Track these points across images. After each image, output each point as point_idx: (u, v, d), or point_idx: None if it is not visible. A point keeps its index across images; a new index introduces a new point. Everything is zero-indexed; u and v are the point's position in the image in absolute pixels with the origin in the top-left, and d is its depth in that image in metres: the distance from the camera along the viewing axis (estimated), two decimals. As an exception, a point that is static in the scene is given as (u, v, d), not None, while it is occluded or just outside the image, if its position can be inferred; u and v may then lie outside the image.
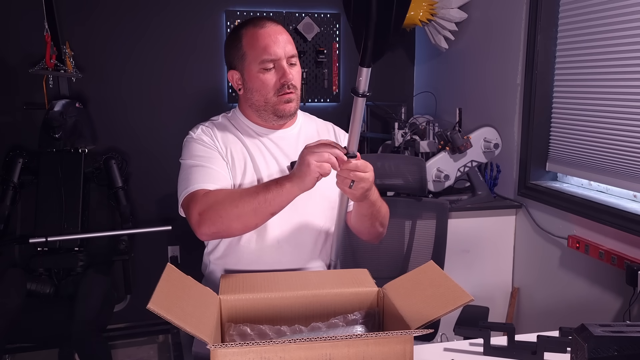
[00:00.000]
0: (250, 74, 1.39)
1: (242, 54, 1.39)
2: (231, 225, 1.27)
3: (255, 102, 1.43)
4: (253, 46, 1.37)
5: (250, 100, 1.44)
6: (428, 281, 1.18)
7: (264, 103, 1.41)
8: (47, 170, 2.74)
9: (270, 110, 1.42)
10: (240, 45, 1.39)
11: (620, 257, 1.95)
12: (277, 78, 1.38)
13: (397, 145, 2.88)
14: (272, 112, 1.42)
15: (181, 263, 3.16)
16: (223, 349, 0.91)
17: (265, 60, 1.36)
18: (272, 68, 1.37)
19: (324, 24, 3.35)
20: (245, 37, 1.39)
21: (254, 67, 1.38)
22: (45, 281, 2.60)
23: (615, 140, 2.06)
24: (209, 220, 1.27)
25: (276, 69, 1.37)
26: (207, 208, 1.27)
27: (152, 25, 3.12)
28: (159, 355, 2.98)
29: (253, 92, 1.41)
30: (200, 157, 1.39)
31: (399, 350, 0.96)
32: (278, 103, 1.40)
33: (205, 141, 1.42)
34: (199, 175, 1.35)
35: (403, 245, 2.14)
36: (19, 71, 2.90)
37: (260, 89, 1.39)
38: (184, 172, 1.39)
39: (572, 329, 0.96)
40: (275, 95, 1.39)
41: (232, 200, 1.26)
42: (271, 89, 1.38)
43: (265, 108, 1.42)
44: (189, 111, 3.20)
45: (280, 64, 1.37)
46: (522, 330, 2.15)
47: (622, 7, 1.98)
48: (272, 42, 1.36)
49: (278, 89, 1.38)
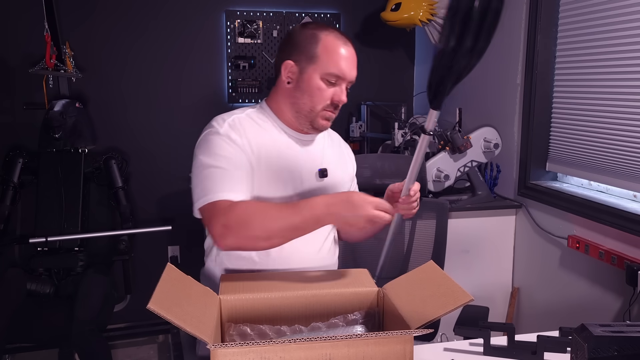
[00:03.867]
0: (312, 77, 1.36)
1: (314, 54, 1.36)
2: (258, 243, 1.25)
3: (299, 103, 1.39)
4: (330, 56, 1.35)
5: (295, 98, 1.40)
6: (428, 281, 1.18)
7: (309, 110, 1.39)
8: (47, 170, 2.74)
9: (309, 118, 1.40)
10: (316, 45, 1.36)
11: (620, 257, 1.95)
12: (332, 94, 1.38)
13: (397, 145, 2.88)
14: (310, 121, 1.40)
15: (181, 263, 3.16)
16: (223, 349, 0.91)
17: (334, 74, 1.35)
18: (334, 84, 1.37)
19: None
20: (325, 41, 1.36)
21: (318, 74, 1.36)
22: (45, 281, 2.60)
23: (615, 140, 2.06)
24: (236, 235, 1.23)
25: (336, 86, 1.38)
26: (235, 223, 1.23)
27: (152, 25, 3.12)
28: (159, 355, 2.98)
29: (304, 93, 1.38)
30: (225, 158, 1.31)
31: (399, 350, 0.96)
32: (319, 116, 1.39)
33: (234, 139, 1.34)
34: (223, 182, 1.28)
35: (403, 245, 2.14)
36: (19, 71, 2.90)
37: (313, 95, 1.37)
38: (205, 173, 1.31)
39: (572, 329, 0.96)
40: (322, 109, 1.38)
41: (263, 219, 1.23)
42: (322, 102, 1.37)
43: (307, 114, 1.39)
44: (188, 111, 3.20)
45: (341, 85, 1.38)
46: (522, 330, 2.15)
47: (622, 7, 1.98)
48: (349, 64, 1.37)
49: (327, 105, 1.38)
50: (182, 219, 3.09)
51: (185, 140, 3.35)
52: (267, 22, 3.27)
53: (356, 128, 3.35)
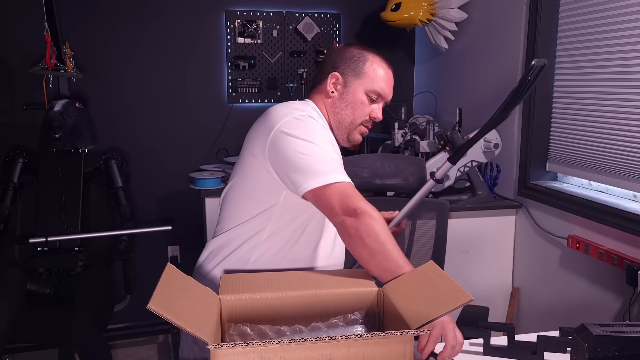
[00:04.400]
0: (357, 91, 1.43)
1: (361, 71, 1.43)
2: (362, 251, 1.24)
3: (342, 113, 1.45)
4: (376, 75, 1.43)
5: (338, 109, 1.45)
6: (428, 281, 1.18)
7: (350, 122, 1.44)
8: (47, 170, 2.74)
9: (348, 130, 1.45)
10: (364, 63, 1.43)
11: (620, 257, 1.95)
12: (371, 110, 1.44)
13: (397, 145, 2.88)
14: (348, 133, 1.45)
15: (181, 263, 3.16)
16: (223, 349, 0.91)
17: (376, 92, 1.43)
18: (372, 102, 1.44)
19: (324, 24, 3.35)
20: (372, 62, 1.44)
21: (363, 89, 1.43)
22: (45, 281, 2.60)
23: (615, 140, 2.06)
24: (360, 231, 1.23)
25: (374, 105, 1.45)
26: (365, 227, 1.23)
27: (152, 25, 3.12)
28: (159, 355, 2.98)
29: (347, 105, 1.44)
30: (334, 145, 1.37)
31: (398, 350, 0.96)
32: (356, 130, 1.45)
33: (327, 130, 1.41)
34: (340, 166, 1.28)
35: (403, 245, 2.14)
36: (19, 71, 2.91)
37: (356, 108, 1.43)
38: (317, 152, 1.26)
39: (572, 329, 0.96)
40: (361, 122, 1.45)
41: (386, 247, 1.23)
42: (363, 115, 1.44)
43: (347, 126, 1.45)
44: (189, 111, 3.20)
45: (380, 103, 1.46)
46: (522, 330, 2.15)
47: (622, 7, 1.98)
48: (389, 85, 1.45)
49: (366, 120, 1.45)
50: (182, 219, 3.09)
51: (185, 140, 3.37)
52: (267, 22, 3.27)
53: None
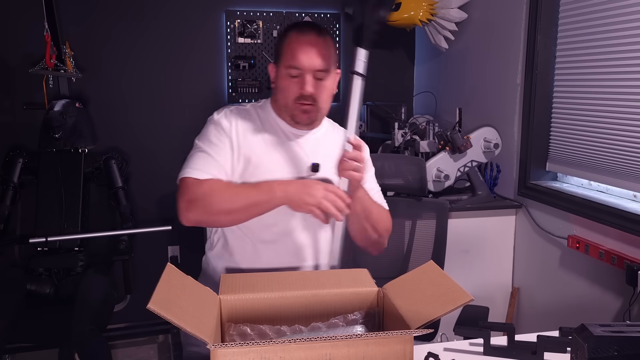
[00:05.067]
0: (280, 74, 1.42)
1: (280, 52, 1.42)
2: (220, 217, 1.35)
3: (278, 99, 1.45)
4: (287, 49, 1.39)
5: (276, 97, 1.46)
6: (428, 281, 1.18)
7: (284, 105, 1.43)
8: (47, 170, 2.74)
9: (288, 113, 1.44)
10: (282, 44, 1.42)
11: (620, 257, 1.95)
12: (298, 87, 1.39)
13: (397, 145, 2.88)
14: (290, 116, 1.44)
15: (181, 263, 3.16)
16: (223, 349, 0.91)
17: (291, 65, 1.38)
18: (296, 76, 1.39)
19: (324, 24, 3.35)
20: (287, 37, 1.41)
21: (283, 69, 1.40)
22: (45, 281, 2.60)
23: (615, 140, 2.06)
24: (198, 209, 1.32)
25: (300, 78, 1.38)
26: (198, 197, 1.32)
27: (152, 25, 3.12)
28: (159, 355, 2.98)
29: (279, 91, 1.44)
30: (209, 142, 1.41)
31: (398, 350, 0.96)
32: (295, 109, 1.42)
33: (222, 126, 1.42)
34: (198, 161, 1.38)
35: (403, 245, 2.14)
36: (19, 71, 2.90)
37: (283, 90, 1.42)
38: (191, 152, 1.43)
39: (572, 329, 0.96)
40: (294, 102, 1.41)
41: (225, 195, 1.33)
42: (291, 95, 1.40)
43: (285, 109, 1.44)
44: (188, 111, 3.20)
45: (303, 75, 1.38)
46: (522, 330, 2.15)
47: (622, 7, 1.98)
48: (302, 52, 1.37)
49: (297, 97, 1.40)
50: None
51: (185, 140, 3.36)
52: (267, 22, 3.27)
53: (356, 128, 3.34)
